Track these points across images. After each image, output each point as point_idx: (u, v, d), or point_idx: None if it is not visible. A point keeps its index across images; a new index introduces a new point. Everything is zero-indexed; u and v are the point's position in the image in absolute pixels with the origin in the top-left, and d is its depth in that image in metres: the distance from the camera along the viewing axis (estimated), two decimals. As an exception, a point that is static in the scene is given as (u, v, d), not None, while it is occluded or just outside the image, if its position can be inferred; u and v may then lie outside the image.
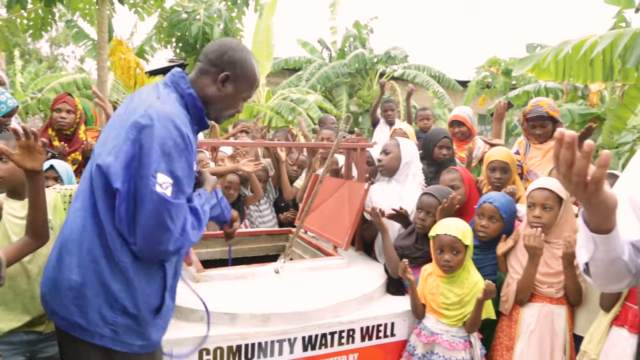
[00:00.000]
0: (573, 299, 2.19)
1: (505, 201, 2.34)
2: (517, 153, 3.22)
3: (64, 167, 2.38)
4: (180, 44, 5.37)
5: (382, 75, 10.79)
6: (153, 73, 9.12)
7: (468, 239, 2.11)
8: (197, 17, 5.16)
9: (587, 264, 1.18)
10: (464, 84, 12.11)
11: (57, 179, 2.31)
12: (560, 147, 0.97)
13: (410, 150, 2.74)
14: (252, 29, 8.53)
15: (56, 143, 3.04)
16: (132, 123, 1.43)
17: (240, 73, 1.62)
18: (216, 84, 1.60)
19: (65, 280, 1.45)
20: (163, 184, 1.39)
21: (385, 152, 2.74)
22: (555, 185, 2.22)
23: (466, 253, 2.13)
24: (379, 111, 5.39)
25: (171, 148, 1.42)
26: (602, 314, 2.06)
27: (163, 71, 10.10)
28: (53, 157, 2.78)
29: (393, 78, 10.68)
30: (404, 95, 6.01)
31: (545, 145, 3.08)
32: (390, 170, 2.73)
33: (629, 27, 3.28)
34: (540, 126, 3.04)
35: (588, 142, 0.94)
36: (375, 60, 10.59)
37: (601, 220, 1.05)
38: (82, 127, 3.26)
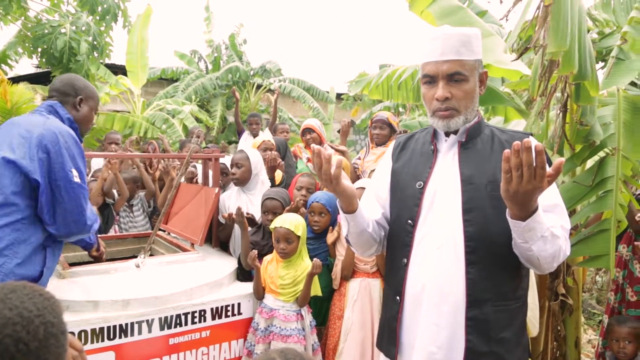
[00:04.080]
0: (384, 272, 2.77)
1: (329, 197, 2.87)
2: (359, 158, 4.00)
3: None
4: (45, 57, 5.34)
5: (259, 87, 11.27)
6: (17, 80, 8.66)
7: (300, 230, 2.58)
8: (63, 30, 5.19)
9: (347, 236, 1.72)
10: (338, 96, 13.02)
11: None
12: (313, 156, 1.48)
13: (258, 161, 3.21)
14: (125, 40, 8.50)
15: None
16: (37, 136, 1.92)
17: (89, 94, 2.22)
18: (75, 107, 2.11)
19: None
20: (75, 177, 1.97)
21: (237, 165, 3.14)
22: (365, 182, 2.84)
23: (299, 242, 2.62)
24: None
25: (74, 152, 2.00)
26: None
27: (29, 78, 9.59)
28: None
29: (270, 91, 11.20)
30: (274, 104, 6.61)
31: (378, 151, 3.83)
32: (243, 181, 3.15)
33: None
34: (379, 128, 3.82)
35: (328, 152, 1.47)
36: (252, 73, 11.04)
37: (347, 204, 1.58)
38: None
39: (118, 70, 8.90)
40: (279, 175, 3.59)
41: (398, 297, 1.64)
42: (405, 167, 1.73)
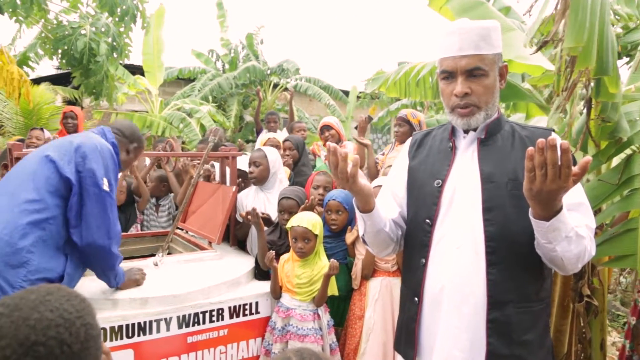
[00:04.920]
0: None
1: (346, 195, 2.84)
2: (383, 154, 4.04)
3: None
4: (66, 58, 5.41)
5: (275, 86, 11.30)
6: (38, 81, 8.82)
7: (317, 229, 2.56)
8: (83, 32, 5.26)
9: (363, 236, 1.69)
10: (349, 94, 12.97)
11: None
12: (329, 154, 1.46)
13: (276, 159, 3.19)
14: (141, 41, 8.58)
15: None
16: (77, 142, 2.07)
17: (140, 146, 2.44)
18: (127, 150, 2.36)
19: None
20: (105, 185, 2.05)
21: (255, 164, 3.11)
22: (381, 180, 2.80)
23: (316, 241, 2.60)
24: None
25: (108, 164, 2.11)
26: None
27: (50, 79, 9.76)
28: None
29: (286, 89, 11.21)
30: (293, 104, 6.60)
31: (401, 147, 3.81)
32: (261, 180, 3.12)
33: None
34: (399, 125, 3.81)
35: (344, 151, 1.44)
36: (268, 72, 11.06)
37: (363, 203, 1.55)
38: None
39: (136, 70, 8.99)
40: (287, 172, 3.56)
41: (416, 298, 1.61)
42: (423, 165, 1.69)
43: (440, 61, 1.57)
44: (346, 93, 12.65)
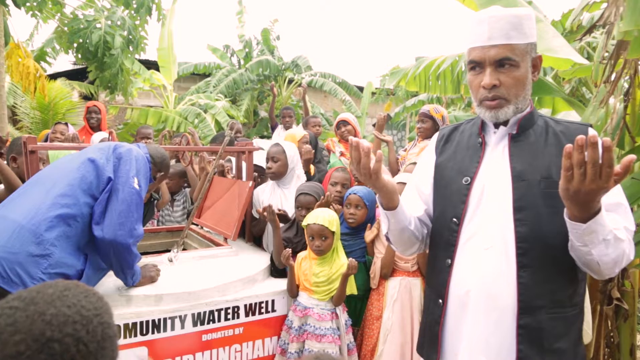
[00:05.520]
0: (424, 271, 2.67)
1: (367, 191, 2.78)
2: (405, 150, 3.98)
3: None
4: (81, 51, 5.41)
5: (290, 82, 11.24)
6: (55, 76, 8.87)
7: (334, 226, 2.50)
8: (98, 25, 5.25)
9: (387, 234, 1.62)
10: (363, 89, 12.85)
11: None
12: (351, 150, 1.39)
13: (294, 155, 3.12)
14: (155, 36, 8.59)
15: None
16: (114, 145, 2.19)
17: (166, 175, 2.55)
18: (154, 175, 2.41)
19: None
20: (135, 183, 2.08)
21: (273, 159, 3.04)
22: (404, 176, 2.73)
23: (334, 238, 2.54)
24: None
25: (141, 167, 2.17)
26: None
27: (67, 75, 9.81)
28: None
29: (301, 85, 11.12)
30: (307, 99, 6.55)
31: (422, 144, 3.75)
32: (279, 175, 3.05)
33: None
34: (422, 121, 3.72)
35: (366, 144, 1.37)
36: (283, 67, 11.00)
37: (387, 200, 1.49)
38: None
39: (151, 65, 9.00)
40: (312, 169, 3.51)
41: (441, 300, 1.53)
42: (450, 161, 1.61)
43: (469, 51, 1.49)
44: (361, 89, 12.55)
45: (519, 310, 1.38)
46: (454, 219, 1.51)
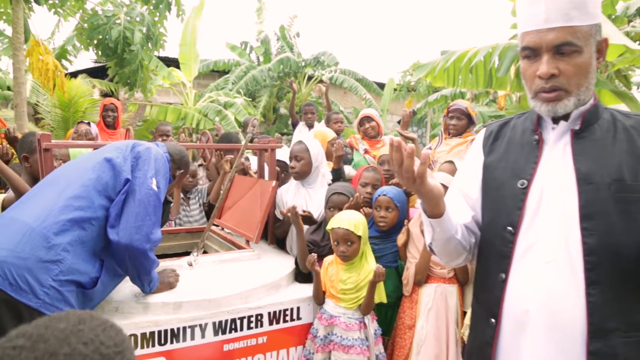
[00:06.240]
0: (461, 277, 2.50)
1: (397, 192, 2.62)
2: (430, 148, 3.71)
3: None
4: (100, 48, 5.35)
5: (310, 78, 11.10)
6: (75, 74, 8.87)
7: (360, 230, 2.32)
8: (117, 21, 5.18)
9: (431, 244, 1.45)
10: (383, 86, 12.66)
11: None
12: (392, 150, 1.23)
13: (319, 152, 2.96)
14: (179, 32, 8.54)
15: None
16: (133, 143, 2.09)
17: (186, 172, 2.44)
18: (173, 173, 2.29)
19: None
20: (153, 184, 1.97)
21: (296, 158, 2.89)
22: (443, 177, 2.55)
23: (360, 242, 2.37)
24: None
25: (160, 167, 2.06)
26: (475, 290, 2.40)
27: (87, 72, 9.83)
28: None
29: (321, 82, 11.00)
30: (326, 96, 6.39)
31: (453, 141, 3.53)
32: (302, 174, 2.90)
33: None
34: (457, 118, 3.50)
35: (410, 146, 1.21)
36: (303, 64, 10.86)
37: (431, 206, 1.31)
38: None
39: (170, 63, 8.96)
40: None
41: (493, 320, 1.36)
42: (502, 162, 1.43)
43: (522, 36, 1.30)
44: (381, 86, 12.36)
45: (589, 334, 1.20)
46: (509, 228, 1.33)
